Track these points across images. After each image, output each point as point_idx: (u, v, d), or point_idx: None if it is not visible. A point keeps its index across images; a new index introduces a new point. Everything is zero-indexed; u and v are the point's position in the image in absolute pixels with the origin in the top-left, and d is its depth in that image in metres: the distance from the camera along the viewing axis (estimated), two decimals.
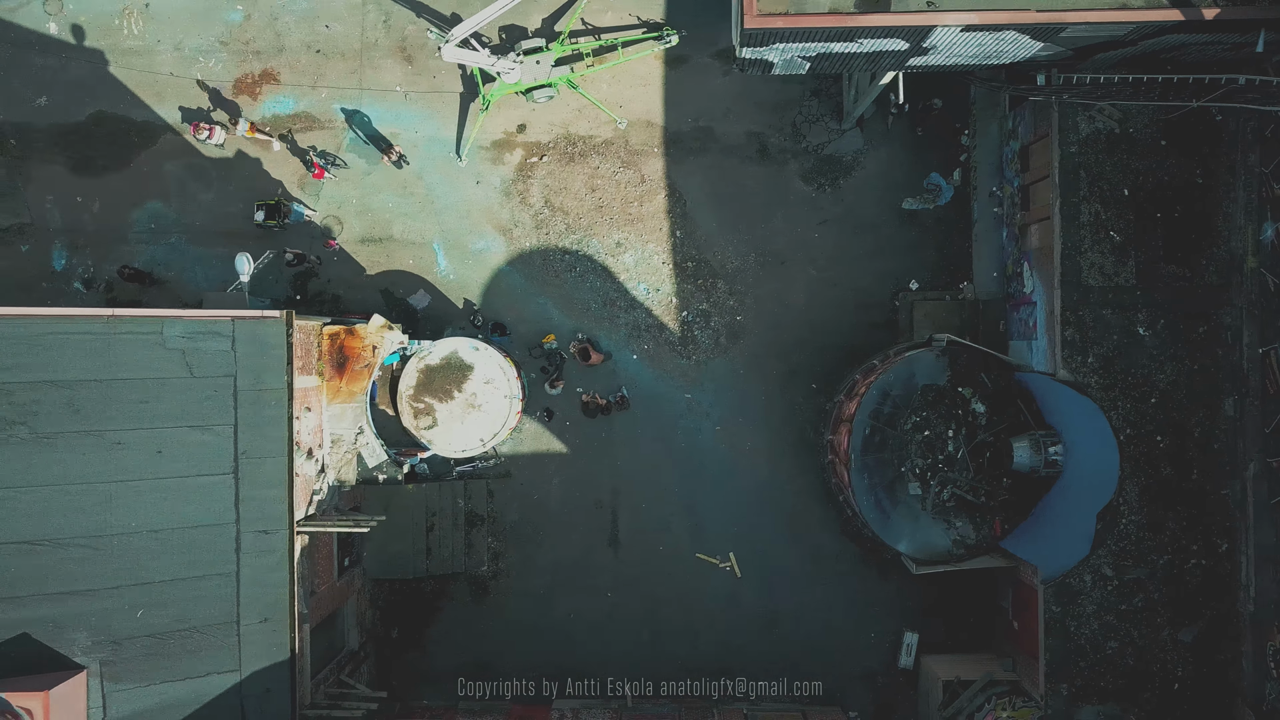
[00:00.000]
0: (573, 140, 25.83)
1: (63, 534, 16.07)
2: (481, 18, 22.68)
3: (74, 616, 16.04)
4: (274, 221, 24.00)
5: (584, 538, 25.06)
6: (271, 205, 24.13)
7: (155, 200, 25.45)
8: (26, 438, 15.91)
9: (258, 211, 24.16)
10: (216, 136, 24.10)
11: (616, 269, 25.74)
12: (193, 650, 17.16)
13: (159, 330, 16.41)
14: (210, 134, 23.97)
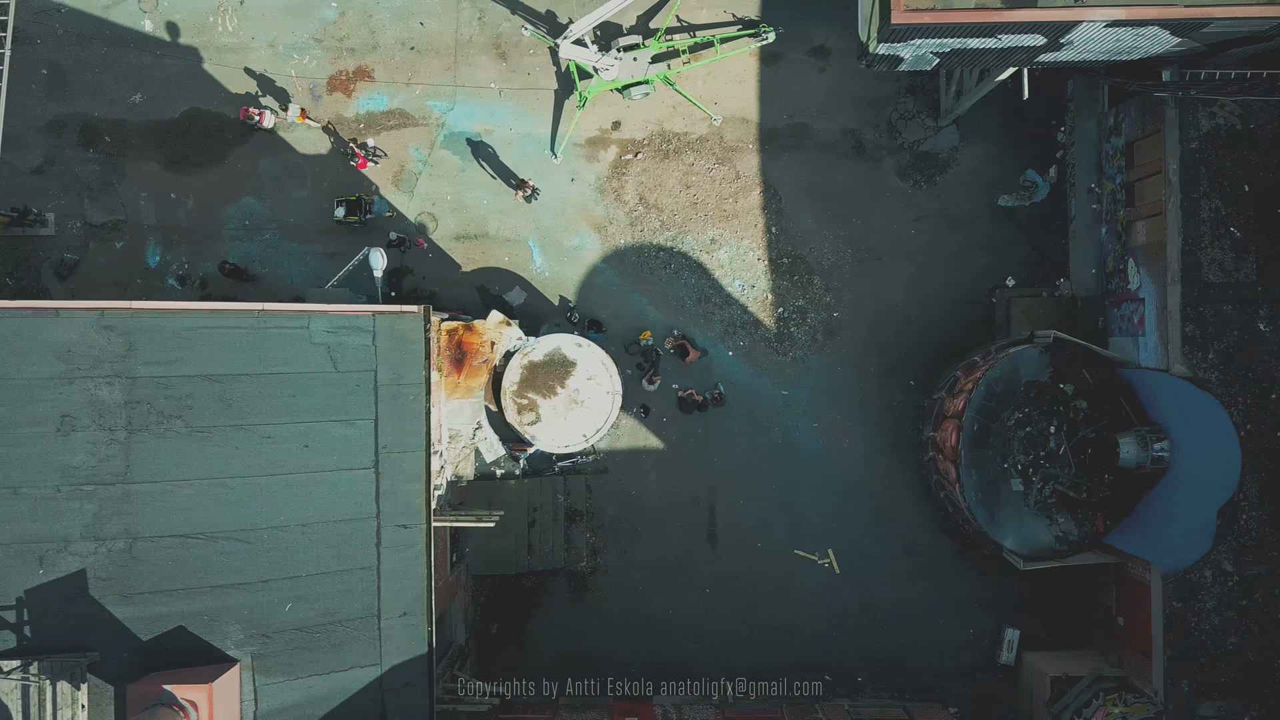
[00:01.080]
0: (667, 137, 25.88)
1: (217, 528, 16.11)
2: (602, 13, 22.80)
3: (227, 610, 16.09)
4: (355, 217, 24.06)
5: (682, 534, 25.10)
6: (352, 201, 24.19)
7: (249, 196, 25.51)
8: (182, 431, 15.97)
9: (338, 208, 24.20)
10: (267, 121, 24.27)
11: (711, 265, 25.79)
12: (337, 644, 17.38)
13: (305, 325, 16.46)
14: (260, 118, 24.15)
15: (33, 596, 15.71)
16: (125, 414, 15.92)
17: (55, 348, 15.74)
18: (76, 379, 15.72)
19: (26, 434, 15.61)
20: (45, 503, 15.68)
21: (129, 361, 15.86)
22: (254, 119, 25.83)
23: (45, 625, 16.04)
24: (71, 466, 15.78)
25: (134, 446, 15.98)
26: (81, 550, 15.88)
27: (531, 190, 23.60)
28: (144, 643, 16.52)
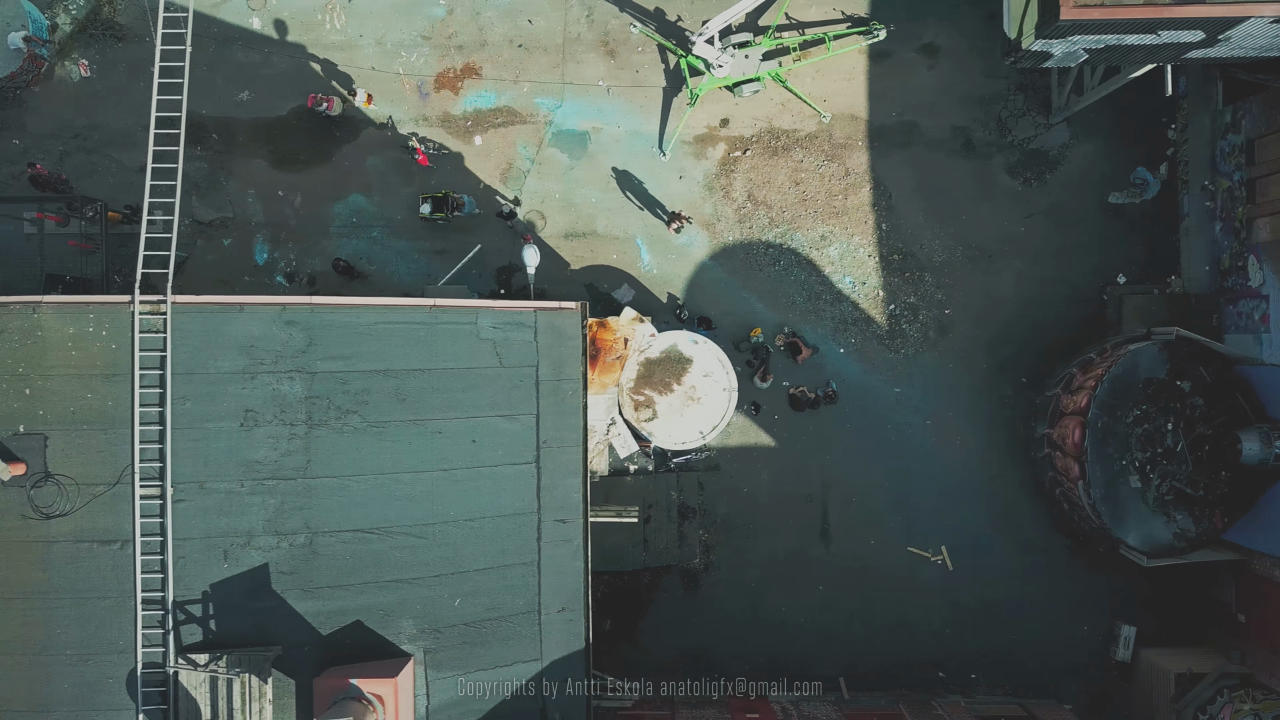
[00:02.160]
0: (776, 134, 25.97)
1: (391, 522, 16.20)
2: (736, 11, 22.91)
3: (401, 604, 16.18)
4: (442, 214, 24.13)
5: (795, 531, 25.16)
6: (439, 198, 24.22)
7: (357, 194, 25.60)
8: (359, 426, 16.06)
9: (423, 204, 24.13)
10: (335, 108, 24.25)
11: (821, 262, 25.84)
12: (501, 639, 17.43)
13: (474, 320, 16.58)
14: (329, 105, 24.15)
15: (218, 590, 15.79)
16: (306, 409, 16.01)
17: (240, 343, 15.83)
18: (259, 374, 15.80)
19: (213, 429, 15.70)
20: (230, 497, 15.76)
21: (309, 356, 15.95)
22: (321, 105, 25.94)
23: (230, 619, 16.06)
24: (254, 461, 15.86)
25: (314, 441, 16.07)
26: (264, 545, 15.97)
27: (681, 222, 23.74)
28: (323, 637, 16.66)
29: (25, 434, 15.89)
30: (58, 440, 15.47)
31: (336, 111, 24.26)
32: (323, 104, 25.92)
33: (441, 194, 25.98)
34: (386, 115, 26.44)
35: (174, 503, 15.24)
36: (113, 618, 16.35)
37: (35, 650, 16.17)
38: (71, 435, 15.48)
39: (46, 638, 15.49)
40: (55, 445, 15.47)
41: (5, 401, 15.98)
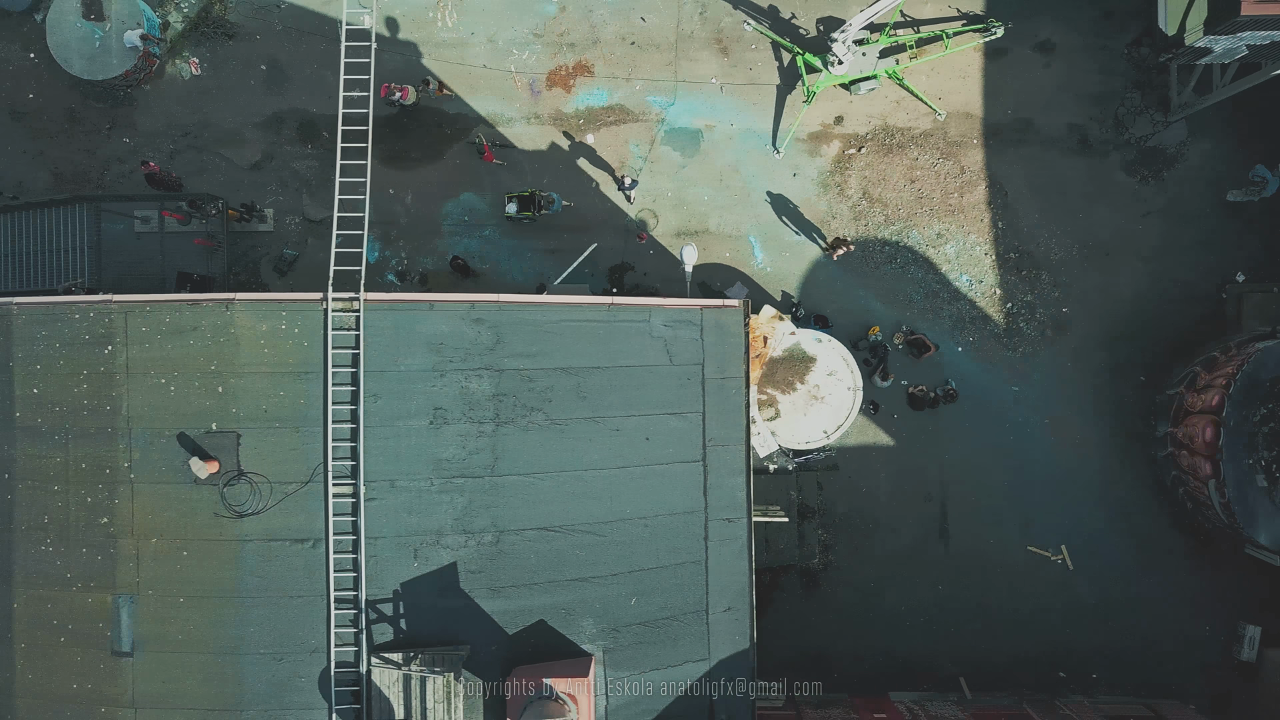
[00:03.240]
0: (891, 132, 25.91)
1: (573, 521, 16.19)
2: (877, 9, 22.85)
3: (582, 604, 16.17)
4: (529, 213, 24.13)
5: (913, 530, 25.11)
6: (525, 196, 24.23)
7: (468, 192, 25.62)
8: (543, 424, 16.04)
9: (509, 204, 24.18)
10: (409, 96, 24.36)
11: (938, 260, 25.79)
12: (672, 638, 17.19)
13: (647, 318, 16.56)
14: (403, 95, 24.27)
15: (408, 589, 15.77)
16: (493, 407, 15.99)
17: (429, 340, 15.83)
18: (448, 371, 15.80)
19: (403, 427, 15.70)
20: (420, 495, 15.76)
21: (497, 354, 15.94)
22: (395, 95, 25.90)
23: (419, 618, 16.01)
24: (443, 459, 15.85)
25: (501, 439, 16.05)
26: (453, 543, 15.95)
27: (849, 247, 23.70)
28: (509, 636, 16.42)
29: (218, 432, 15.82)
30: (250, 438, 15.46)
31: (411, 101, 24.63)
32: (396, 93, 25.82)
33: (528, 193, 25.93)
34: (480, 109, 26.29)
35: (366, 501, 15.17)
36: (305, 616, 15.51)
37: (229, 649, 15.75)
38: (263, 433, 15.47)
39: (239, 637, 15.47)
40: (247, 443, 15.46)
41: (198, 399, 15.95)
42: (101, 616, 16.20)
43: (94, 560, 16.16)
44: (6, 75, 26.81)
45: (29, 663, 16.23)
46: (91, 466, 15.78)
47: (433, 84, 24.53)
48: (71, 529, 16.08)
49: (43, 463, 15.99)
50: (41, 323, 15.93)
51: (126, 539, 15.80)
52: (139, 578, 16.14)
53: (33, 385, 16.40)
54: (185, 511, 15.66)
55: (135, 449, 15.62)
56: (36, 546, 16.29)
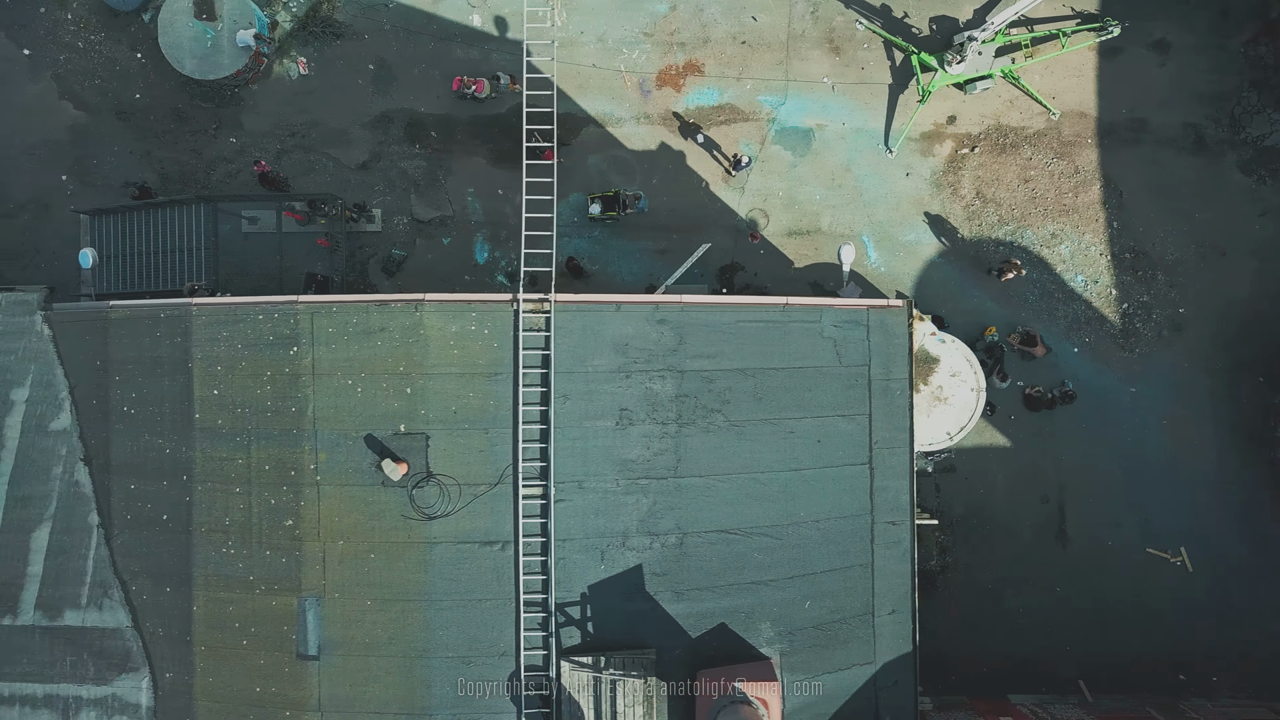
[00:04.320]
0: (1004, 131, 25.80)
1: (751, 523, 16.12)
2: (1020, 8, 22.76)
3: (760, 607, 16.10)
4: (613, 213, 24.03)
5: (1030, 532, 24.98)
6: (609, 197, 24.13)
7: (577, 192, 25.51)
8: (723, 425, 15.96)
9: (592, 204, 24.04)
10: (484, 90, 24.48)
11: (1052, 260, 25.66)
12: (842, 641, 17.10)
13: (818, 319, 16.47)
14: (477, 88, 24.36)
15: (595, 592, 15.70)
16: (675, 408, 15.92)
17: (615, 341, 15.77)
18: (634, 373, 15.73)
19: (590, 428, 15.65)
20: (606, 497, 15.70)
21: (679, 355, 15.87)
22: (469, 88, 25.77)
23: (606, 621, 15.96)
24: (629, 460, 15.78)
25: (683, 441, 15.99)
26: (638, 545, 15.88)
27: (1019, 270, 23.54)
28: (692, 639, 16.42)
29: (406, 433, 15.75)
30: (439, 440, 15.41)
31: (485, 94, 24.73)
32: (470, 86, 25.73)
33: (613, 193, 25.84)
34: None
35: (555, 503, 15.08)
36: (493, 620, 15.46)
37: (417, 653, 15.70)
38: (452, 435, 15.42)
39: (428, 640, 15.42)
40: (436, 445, 15.41)
41: (386, 401, 15.82)
42: (286, 619, 16.15)
43: (278, 562, 16.13)
44: (114, 75, 26.72)
45: (208, 665, 16.15)
46: (275, 468, 15.73)
47: (504, 79, 24.35)
48: (254, 531, 15.97)
49: (224, 464, 15.95)
50: (222, 324, 15.89)
51: (312, 541, 15.75)
52: (325, 580, 16.07)
53: (213, 387, 16.33)
54: (373, 514, 15.62)
55: (321, 450, 15.58)
56: (217, 549, 16.24)
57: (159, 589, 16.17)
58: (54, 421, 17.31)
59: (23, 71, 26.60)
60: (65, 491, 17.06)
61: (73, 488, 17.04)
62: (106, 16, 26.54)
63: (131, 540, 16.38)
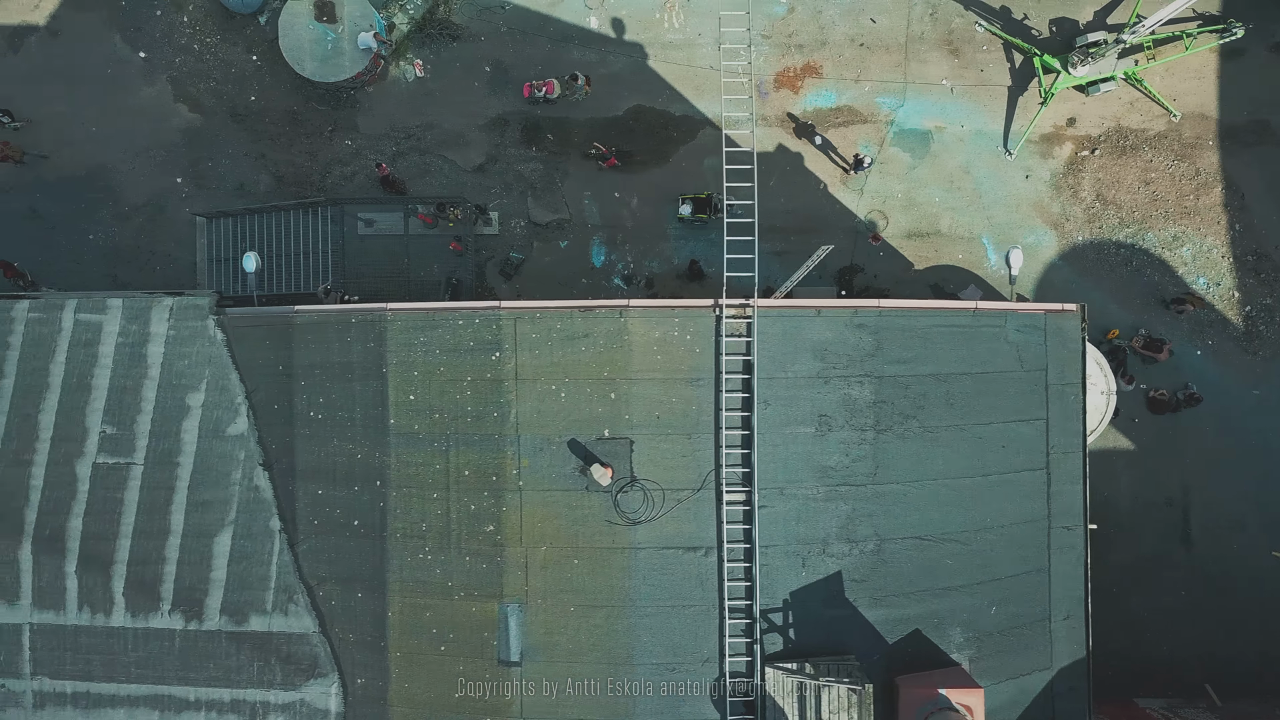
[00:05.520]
0: (1124, 133, 25.73)
1: (942, 529, 16.12)
2: (1174, 8, 22.72)
3: (950, 613, 16.09)
4: (704, 215, 23.99)
5: (1155, 535, 24.92)
6: (701, 199, 24.10)
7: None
8: (917, 431, 15.94)
9: (683, 205, 23.90)
10: (555, 90, 24.41)
11: (1174, 263, 25.60)
12: (1022, 647, 17.07)
13: (1003, 323, 16.42)
14: (548, 89, 24.30)
15: (797, 598, 15.68)
16: (873, 414, 15.89)
17: (815, 346, 15.75)
18: (832, 378, 15.71)
19: (791, 434, 15.63)
20: (807, 503, 15.69)
21: (877, 360, 15.85)
22: (540, 91, 25.11)
23: (807, 628, 15.94)
24: (828, 467, 15.75)
25: (880, 447, 15.97)
26: (837, 551, 15.86)
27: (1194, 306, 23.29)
28: (890, 646, 16.44)
29: (610, 438, 15.71)
30: (642, 445, 15.42)
31: (556, 95, 24.62)
32: (541, 89, 25.69)
33: (705, 194, 25.79)
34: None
35: (758, 509, 15.06)
36: (696, 626, 15.42)
37: (620, 660, 15.61)
38: (656, 440, 15.42)
39: (631, 646, 15.42)
40: (640, 450, 15.37)
41: (589, 406, 15.66)
42: (486, 626, 16.09)
43: (478, 568, 16.08)
44: (229, 78, 26.71)
45: (404, 671, 16.13)
46: (475, 473, 15.73)
47: (580, 79, 24.29)
48: (453, 536, 15.97)
49: (420, 470, 15.95)
50: (420, 329, 15.89)
51: (514, 547, 15.75)
52: (527, 586, 16.02)
53: (409, 392, 16.30)
54: (576, 519, 15.62)
55: (524, 455, 15.56)
56: (413, 554, 16.22)
57: (349, 594, 16.17)
58: (230, 426, 17.32)
59: (138, 75, 26.65)
60: (245, 496, 17.06)
61: (252, 492, 17.05)
62: (222, 19, 26.53)
63: (319, 545, 16.37)
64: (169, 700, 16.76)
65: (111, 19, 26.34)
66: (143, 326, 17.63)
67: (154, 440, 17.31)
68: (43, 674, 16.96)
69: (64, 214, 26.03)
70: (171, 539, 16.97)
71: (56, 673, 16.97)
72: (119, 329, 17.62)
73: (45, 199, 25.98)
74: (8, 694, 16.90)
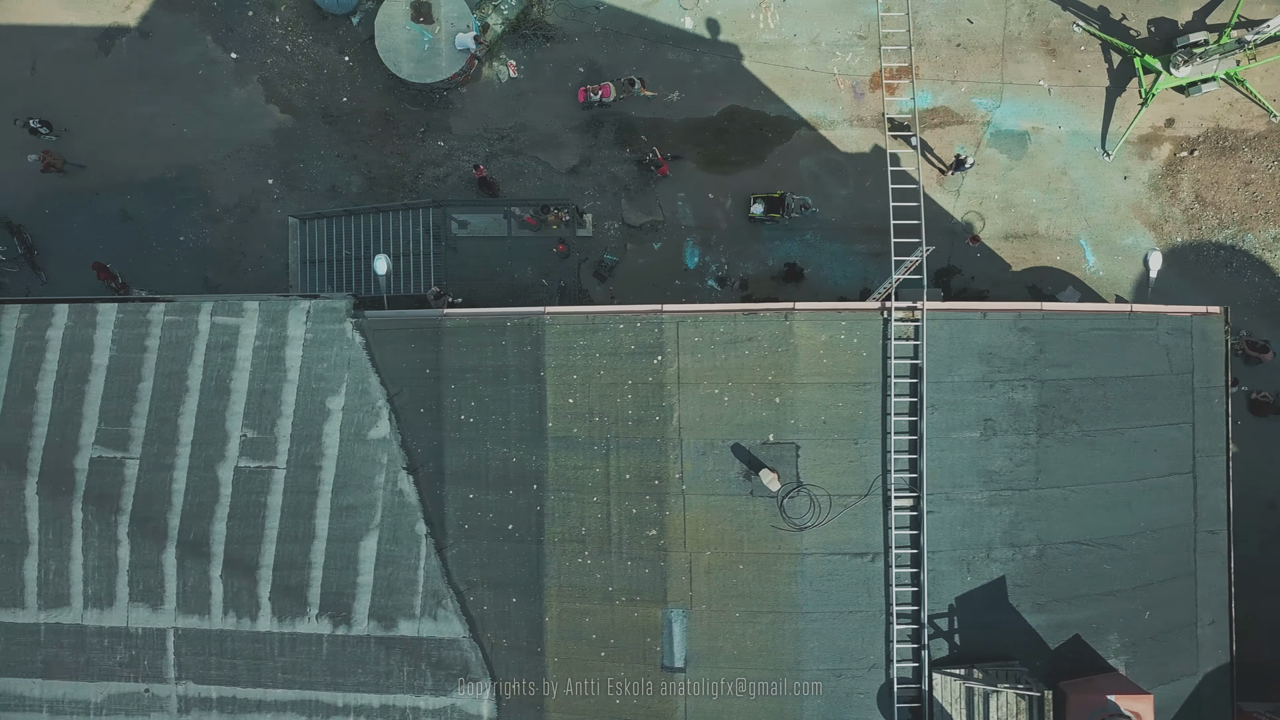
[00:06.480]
0: (1223, 134, 25.61)
1: (1101, 534, 16.07)
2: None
3: (1107, 618, 16.03)
4: (777, 215, 23.88)
5: (1260, 538, 24.77)
6: (774, 198, 23.98)
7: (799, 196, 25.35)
8: (1077, 436, 15.87)
9: (755, 204, 23.97)
10: (610, 94, 24.19)
11: (1275, 264, 25.46)
12: (1172, 652, 17.02)
13: (1155, 326, 16.34)
14: (604, 92, 24.09)
15: (961, 604, 15.60)
16: (1035, 418, 15.82)
17: (980, 350, 15.67)
18: (996, 382, 15.61)
19: (956, 439, 15.55)
20: (972, 508, 15.63)
21: (1038, 364, 15.78)
22: (595, 94, 24.43)
23: (971, 633, 15.88)
24: (992, 471, 15.69)
25: (1043, 451, 15.90)
26: (1001, 557, 15.78)
27: None
28: (1051, 651, 16.34)
29: (775, 443, 15.63)
30: (808, 450, 15.33)
31: (612, 98, 24.41)
32: (596, 93, 25.54)
33: (778, 194, 25.68)
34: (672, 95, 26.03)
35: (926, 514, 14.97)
36: (863, 632, 15.45)
37: (787, 666, 15.59)
38: (822, 445, 15.35)
39: (798, 652, 15.34)
40: (806, 455, 15.27)
41: (754, 410, 15.60)
42: (649, 631, 16.00)
43: (640, 573, 15.95)
44: (321, 79, 26.62)
45: (562, 676, 16.04)
46: (637, 477, 15.66)
47: (637, 82, 24.15)
48: (614, 541, 15.81)
49: (579, 474, 15.88)
50: (579, 333, 15.82)
51: (678, 551, 15.67)
52: (691, 591, 15.95)
53: (568, 395, 16.17)
54: (741, 524, 15.54)
55: (687, 459, 15.47)
56: (572, 559, 16.12)
57: (502, 599, 16.09)
58: (372, 430, 17.25)
59: (230, 76, 26.55)
60: (389, 500, 16.99)
61: (396, 496, 16.97)
62: (314, 20, 26.45)
63: (469, 550, 16.29)
64: (316, 705, 16.67)
65: (203, 20, 26.24)
66: (280, 329, 17.55)
67: (295, 444, 17.23)
68: (188, 678, 16.87)
69: (155, 216, 25.99)
70: (316, 543, 16.87)
71: (202, 677, 16.88)
72: (256, 332, 17.55)
73: (136, 200, 25.92)
74: (153, 698, 16.83)
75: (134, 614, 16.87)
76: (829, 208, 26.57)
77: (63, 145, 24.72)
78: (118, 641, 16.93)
